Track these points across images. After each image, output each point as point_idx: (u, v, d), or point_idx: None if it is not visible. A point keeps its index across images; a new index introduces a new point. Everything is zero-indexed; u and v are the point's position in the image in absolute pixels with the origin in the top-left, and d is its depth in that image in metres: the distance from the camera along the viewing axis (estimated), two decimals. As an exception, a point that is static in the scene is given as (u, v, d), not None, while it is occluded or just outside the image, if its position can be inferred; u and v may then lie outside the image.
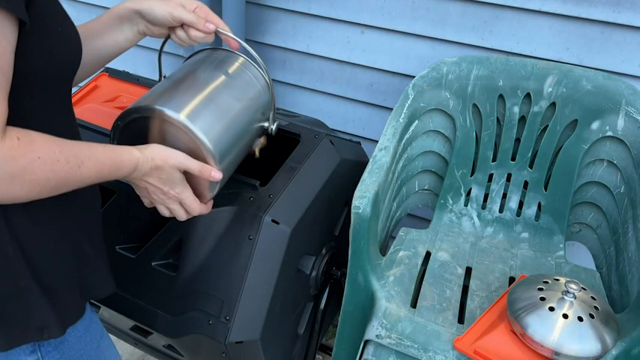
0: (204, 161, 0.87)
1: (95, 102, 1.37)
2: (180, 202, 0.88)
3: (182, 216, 0.90)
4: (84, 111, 1.32)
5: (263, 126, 1.04)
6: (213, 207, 0.97)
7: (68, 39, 0.71)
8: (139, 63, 2.01)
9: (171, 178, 0.84)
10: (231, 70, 0.99)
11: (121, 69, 1.54)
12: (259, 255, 1.05)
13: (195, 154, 0.86)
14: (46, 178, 0.62)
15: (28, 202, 0.66)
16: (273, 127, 1.04)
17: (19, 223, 0.69)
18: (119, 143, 0.91)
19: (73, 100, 1.35)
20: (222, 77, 0.97)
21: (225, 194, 1.09)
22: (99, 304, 1.15)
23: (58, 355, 0.78)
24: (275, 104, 1.05)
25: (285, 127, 1.30)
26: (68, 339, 0.79)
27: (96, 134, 1.26)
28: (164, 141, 0.87)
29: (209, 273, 1.07)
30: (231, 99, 0.95)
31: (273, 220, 1.07)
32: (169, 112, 0.84)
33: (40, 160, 0.61)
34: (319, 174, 1.23)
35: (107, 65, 1.37)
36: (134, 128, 0.88)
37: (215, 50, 1.03)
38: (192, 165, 0.84)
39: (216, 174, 0.87)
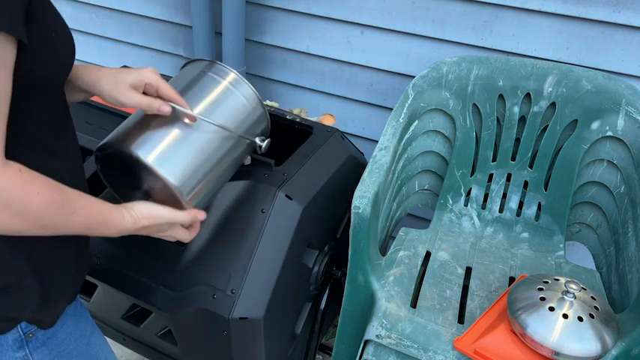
0: (175, 196, 0.89)
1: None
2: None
3: (184, 239, 0.93)
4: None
5: (253, 144, 1.03)
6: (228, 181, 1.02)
7: (62, 44, 0.71)
8: (139, 62, 2.01)
9: (159, 229, 0.87)
10: (216, 93, 0.97)
11: (119, 66, 1.56)
12: (271, 228, 1.07)
13: (164, 190, 0.88)
14: (38, 214, 0.63)
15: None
16: (263, 145, 1.03)
17: None
18: (102, 167, 0.94)
19: None
20: (205, 105, 0.95)
21: (241, 169, 1.10)
22: (96, 282, 1.15)
23: (47, 351, 0.78)
24: (269, 125, 1.06)
25: (297, 121, 1.36)
26: (57, 335, 0.79)
27: (107, 114, 1.35)
28: (138, 172, 0.89)
29: (219, 245, 1.08)
30: (209, 134, 0.94)
31: (286, 196, 1.10)
32: (139, 155, 0.86)
33: (38, 196, 0.62)
34: (330, 163, 1.27)
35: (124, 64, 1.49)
36: (113, 157, 0.91)
37: (209, 67, 1.01)
38: (181, 219, 0.88)
39: (201, 216, 0.92)
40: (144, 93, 0.86)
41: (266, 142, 1.03)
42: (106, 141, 0.90)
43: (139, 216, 0.82)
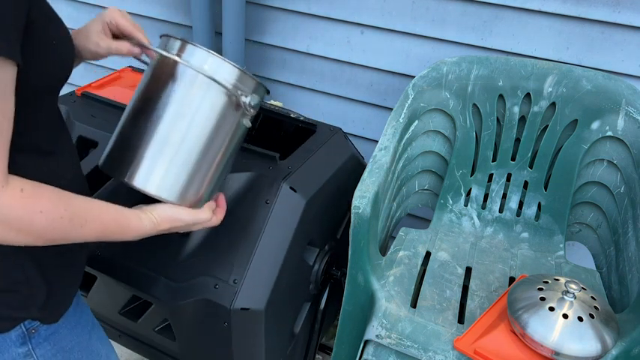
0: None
1: (119, 87, 1.54)
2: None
3: (214, 225, 0.92)
4: (108, 92, 1.47)
5: (240, 107, 0.89)
6: (232, 172, 1.02)
7: (62, 50, 0.71)
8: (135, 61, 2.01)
9: (182, 229, 0.87)
10: (187, 80, 0.86)
11: (124, 65, 1.64)
12: (274, 220, 1.08)
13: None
14: (43, 231, 0.64)
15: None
16: (247, 100, 0.88)
17: None
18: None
19: (95, 85, 1.49)
20: (181, 97, 0.86)
21: (245, 162, 1.11)
22: (96, 273, 1.14)
23: (49, 346, 0.79)
24: (259, 85, 0.91)
25: (301, 119, 1.38)
26: (59, 330, 0.80)
27: (111, 107, 1.36)
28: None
29: (222, 236, 1.08)
30: (194, 129, 0.87)
31: (291, 188, 1.11)
32: (132, 183, 0.85)
33: (41, 214, 0.63)
34: (332, 160, 1.28)
35: (130, 64, 1.64)
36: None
37: (181, 51, 0.88)
38: (202, 218, 0.87)
39: (219, 218, 0.91)
40: (114, 36, 0.89)
41: (250, 97, 0.88)
42: (101, 165, 0.89)
43: (160, 220, 0.81)
